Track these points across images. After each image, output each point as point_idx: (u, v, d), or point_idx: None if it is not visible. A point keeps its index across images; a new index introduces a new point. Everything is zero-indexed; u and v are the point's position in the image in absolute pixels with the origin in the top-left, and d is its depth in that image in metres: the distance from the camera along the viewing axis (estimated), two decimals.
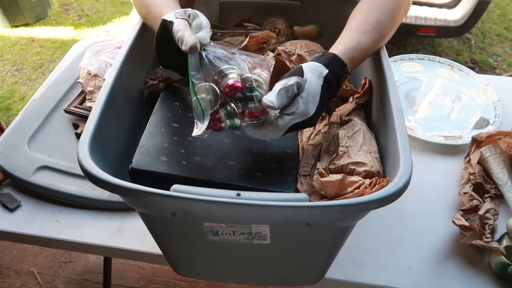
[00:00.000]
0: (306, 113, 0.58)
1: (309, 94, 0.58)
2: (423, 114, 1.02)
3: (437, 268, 0.73)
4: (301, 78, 0.58)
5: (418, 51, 2.57)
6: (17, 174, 0.84)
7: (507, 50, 2.64)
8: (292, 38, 0.88)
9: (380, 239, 0.78)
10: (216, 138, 0.67)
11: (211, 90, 0.58)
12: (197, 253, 0.66)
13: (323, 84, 0.60)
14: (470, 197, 0.77)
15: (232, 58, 0.61)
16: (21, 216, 0.82)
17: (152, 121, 0.68)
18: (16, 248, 1.59)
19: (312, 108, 0.58)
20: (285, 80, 0.58)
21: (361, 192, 0.56)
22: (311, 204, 0.49)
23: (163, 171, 0.61)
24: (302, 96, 0.58)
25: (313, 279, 0.71)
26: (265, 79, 0.60)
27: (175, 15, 0.62)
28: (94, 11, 3.08)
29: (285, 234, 0.57)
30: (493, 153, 0.83)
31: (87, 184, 0.74)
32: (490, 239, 0.72)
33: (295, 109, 0.57)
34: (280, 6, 0.93)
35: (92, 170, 0.51)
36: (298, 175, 0.64)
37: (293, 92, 0.57)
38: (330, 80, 0.60)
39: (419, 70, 1.12)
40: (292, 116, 0.57)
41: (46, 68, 2.53)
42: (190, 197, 0.48)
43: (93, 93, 0.97)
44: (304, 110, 0.58)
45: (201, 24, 0.60)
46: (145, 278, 1.50)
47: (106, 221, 0.81)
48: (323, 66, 0.61)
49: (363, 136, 0.65)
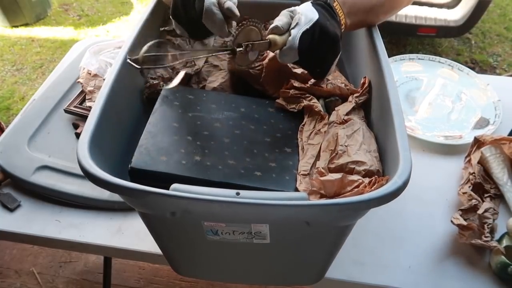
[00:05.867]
0: (308, 18, 0.61)
1: (302, 9, 0.63)
2: (423, 114, 1.02)
3: (437, 268, 0.73)
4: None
5: (418, 51, 2.57)
6: (17, 174, 0.85)
7: (507, 50, 2.64)
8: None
9: (380, 239, 0.78)
10: (215, 137, 0.67)
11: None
12: (197, 252, 0.66)
13: (312, 5, 0.64)
14: (469, 197, 0.77)
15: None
16: (21, 216, 0.82)
17: (152, 120, 0.68)
18: (16, 248, 1.59)
19: (313, 14, 0.62)
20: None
21: (360, 191, 0.56)
22: (310, 203, 0.49)
23: (162, 170, 0.61)
24: (297, 11, 0.63)
25: (313, 279, 0.71)
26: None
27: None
28: (94, 11, 3.08)
29: (285, 233, 0.57)
30: (493, 153, 0.83)
31: (87, 184, 0.73)
32: (489, 239, 0.72)
33: (297, 21, 0.61)
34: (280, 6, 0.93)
35: (91, 169, 0.51)
36: (298, 174, 0.64)
37: (289, 14, 0.63)
38: (317, 3, 0.64)
39: (419, 70, 1.12)
40: (297, 28, 0.61)
41: (46, 68, 2.54)
42: (190, 196, 0.48)
43: (93, 93, 0.97)
44: (305, 18, 0.61)
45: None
46: (145, 278, 1.50)
47: (106, 221, 0.81)
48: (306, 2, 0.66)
49: (363, 135, 0.65)
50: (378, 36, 0.73)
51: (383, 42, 0.71)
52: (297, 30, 0.61)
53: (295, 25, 0.61)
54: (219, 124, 0.70)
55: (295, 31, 0.61)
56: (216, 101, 0.74)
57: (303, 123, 0.72)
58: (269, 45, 0.63)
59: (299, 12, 0.63)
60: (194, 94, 0.75)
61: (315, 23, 0.61)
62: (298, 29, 0.61)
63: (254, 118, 0.73)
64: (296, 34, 0.61)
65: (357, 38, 0.83)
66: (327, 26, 0.62)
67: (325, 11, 0.64)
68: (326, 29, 0.62)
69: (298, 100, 0.74)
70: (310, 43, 0.62)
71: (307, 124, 0.71)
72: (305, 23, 0.61)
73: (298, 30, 0.61)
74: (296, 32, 0.61)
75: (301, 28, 0.61)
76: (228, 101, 0.75)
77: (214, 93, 0.77)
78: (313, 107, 0.72)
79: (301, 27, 0.61)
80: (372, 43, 0.72)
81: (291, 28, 0.62)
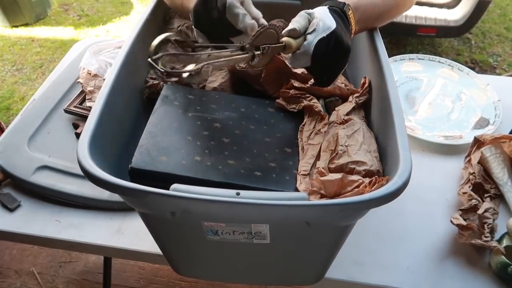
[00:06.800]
0: (326, 25, 0.61)
1: (321, 14, 0.62)
2: (423, 114, 1.02)
3: (437, 268, 0.73)
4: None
5: (418, 51, 2.57)
6: (17, 174, 0.85)
7: (507, 50, 2.64)
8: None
9: (380, 239, 0.78)
10: (215, 137, 0.67)
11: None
12: (197, 253, 0.66)
13: (329, 12, 0.63)
14: (469, 197, 0.77)
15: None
16: (21, 216, 0.82)
17: (152, 121, 0.68)
18: (16, 248, 1.59)
19: (331, 22, 0.61)
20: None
21: (360, 191, 0.56)
22: (310, 203, 0.49)
23: (162, 170, 0.61)
24: (315, 16, 0.62)
25: (313, 279, 0.71)
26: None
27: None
28: (94, 11, 3.08)
29: (285, 233, 0.57)
30: (493, 153, 0.83)
31: (87, 184, 0.73)
32: (489, 239, 0.72)
33: (314, 27, 0.61)
34: (280, 6, 0.94)
35: (91, 169, 0.51)
36: (298, 174, 0.64)
37: (307, 16, 0.62)
38: (334, 10, 0.63)
39: (419, 70, 1.12)
40: (313, 34, 0.60)
41: (46, 68, 2.54)
42: (190, 196, 0.48)
43: (93, 93, 0.97)
44: (323, 25, 0.61)
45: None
46: (145, 278, 1.50)
47: (106, 221, 0.81)
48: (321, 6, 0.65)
49: (363, 135, 0.65)
50: (378, 36, 0.73)
51: (383, 42, 0.71)
52: (314, 36, 0.60)
53: (312, 31, 0.60)
54: (219, 124, 0.70)
55: (312, 36, 0.60)
56: (216, 101, 0.74)
57: (303, 123, 0.72)
58: (284, 48, 0.62)
59: (317, 17, 0.62)
60: (194, 94, 0.75)
61: (332, 32, 0.60)
62: (315, 36, 0.60)
63: (254, 118, 0.73)
64: (313, 40, 0.60)
65: (357, 38, 0.83)
66: (342, 37, 0.61)
67: (341, 20, 0.63)
68: (341, 40, 0.61)
69: (298, 100, 0.74)
70: (325, 51, 0.61)
71: (307, 124, 0.71)
72: (323, 30, 0.60)
73: (314, 36, 0.60)
74: (313, 38, 0.60)
75: (318, 35, 0.60)
76: (228, 101, 0.75)
77: (214, 93, 0.77)
78: (313, 107, 0.72)
79: (318, 34, 0.60)
80: (372, 43, 0.72)
81: (307, 32, 0.61)
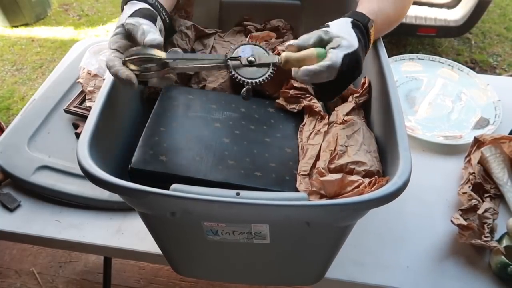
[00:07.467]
0: (351, 43, 0.59)
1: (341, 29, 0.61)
2: (423, 114, 1.02)
3: (437, 268, 0.73)
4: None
5: (418, 51, 2.57)
6: (17, 174, 0.85)
7: (507, 50, 2.64)
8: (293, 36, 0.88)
9: (380, 239, 0.78)
10: (215, 137, 0.67)
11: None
12: (197, 253, 0.66)
13: (352, 27, 0.62)
14: (469, 197, 0.77)
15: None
16: (21, 216, 0.82)
17: (152, 121, 0.68)
18: (16, 248, 1.59)
19: (353, 40, 0.60)
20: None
21: (360, 191, 0.56)
22: (310, 203, 0.49)
23: (162, 170, 0.61)
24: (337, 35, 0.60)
25: (313, 279, 0.71)
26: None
27: (109, 45, 0.60)
28: (94, 11, 3.08)
29: (285, 233, 0.57)
30: (493, 153, 0.83)
31: (87, 184, 0.74)
32: (489, 238, 0.72)
33: (339, 42, 0.59)
34: (280, 6, 0.93)
35: (91, 169, 0.51)
36: (298, 174, 0.64)
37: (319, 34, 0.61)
38: (356, 25, 0.62)
39: (419, 70, 1.12)
40: (338, 49, 0.59)
41: (46, 68, 2.53)
42: (190, 196, 0.48)
43: (93, 93, 0.97)
44: (347, 42, 0.59)
45: (143, 30, 0.59)
46: (145, 278, 1.50)
47: (106, 221, 0.81)
48: (344, 17, 0.63)
49: (363, 136, 0.65)
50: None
51: (383, 42, 0.71)
52: (339, 51, 0.59)
53: (337, 46, 0.59)
54: (219, 124, 0.70)
55: (337, 51, 0.59)
56: (216, 101, 0.74)
57: (303, 123, 0.72)
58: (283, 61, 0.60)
59: (340, 36, 0.60)
60: (194, 94, 0.75)
61: (355, 50, 0.59)
62: (340, 50, 0.59)
63: (254, 118, 0.73)
64: (338, 53, 0.58)
65: None
66: (361, 58, 0.60)
67: (361, 36, 0.62)
68: (360, 61, 0.60)
69: (298, 100, 0.74)
70: (347, 67, 0.59)
71: (307, 124, 0.71)
72: (347, 46, 0.59)
73: (340, 51, 0.59)
74: (338, 52, 0.58)
75: (343, 50, 0.59)
76: (228, 101, 0.75)
77: (214, 93, 0.77)
78: (313, 107, 0.72)
79: (343, 49, 0.59)
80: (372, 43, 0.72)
81: (330, 47, 0.59)
